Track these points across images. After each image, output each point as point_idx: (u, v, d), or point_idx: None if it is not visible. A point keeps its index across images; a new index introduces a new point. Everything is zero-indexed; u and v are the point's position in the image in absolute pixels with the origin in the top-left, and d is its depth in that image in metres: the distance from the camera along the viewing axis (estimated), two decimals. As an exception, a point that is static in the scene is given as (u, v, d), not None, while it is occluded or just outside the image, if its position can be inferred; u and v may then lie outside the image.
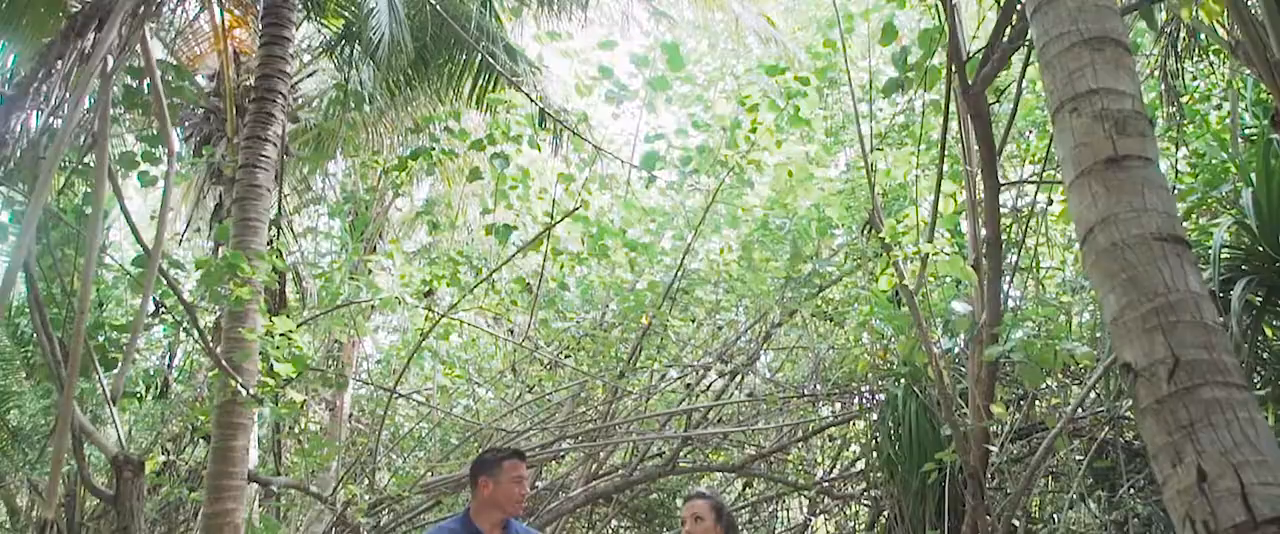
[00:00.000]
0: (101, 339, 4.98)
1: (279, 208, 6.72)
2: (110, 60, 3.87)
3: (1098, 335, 6.09)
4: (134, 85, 4.61)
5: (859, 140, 6.13)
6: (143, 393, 8.10)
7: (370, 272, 7.95)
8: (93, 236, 3.94)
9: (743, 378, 8.76)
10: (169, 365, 9.44)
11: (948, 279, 6.35)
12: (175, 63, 6.20)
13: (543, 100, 7.60)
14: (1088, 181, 2.38)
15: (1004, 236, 6.54)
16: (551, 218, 6.67)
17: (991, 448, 5.48)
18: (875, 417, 7.28)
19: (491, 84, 7.90)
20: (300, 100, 8.96)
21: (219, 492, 5.29)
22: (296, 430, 8.09)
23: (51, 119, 3.98)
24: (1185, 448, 1.97)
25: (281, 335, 5.63)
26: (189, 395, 9.01)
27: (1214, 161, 6.26)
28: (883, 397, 7.09)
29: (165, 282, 4.66)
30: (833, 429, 8.45)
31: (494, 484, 3.67)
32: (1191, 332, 2.10)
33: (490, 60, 7.55)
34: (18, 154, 4.27)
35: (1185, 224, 6.14)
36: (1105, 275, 2.28)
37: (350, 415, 9.78)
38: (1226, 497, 1.88)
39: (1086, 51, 2.50)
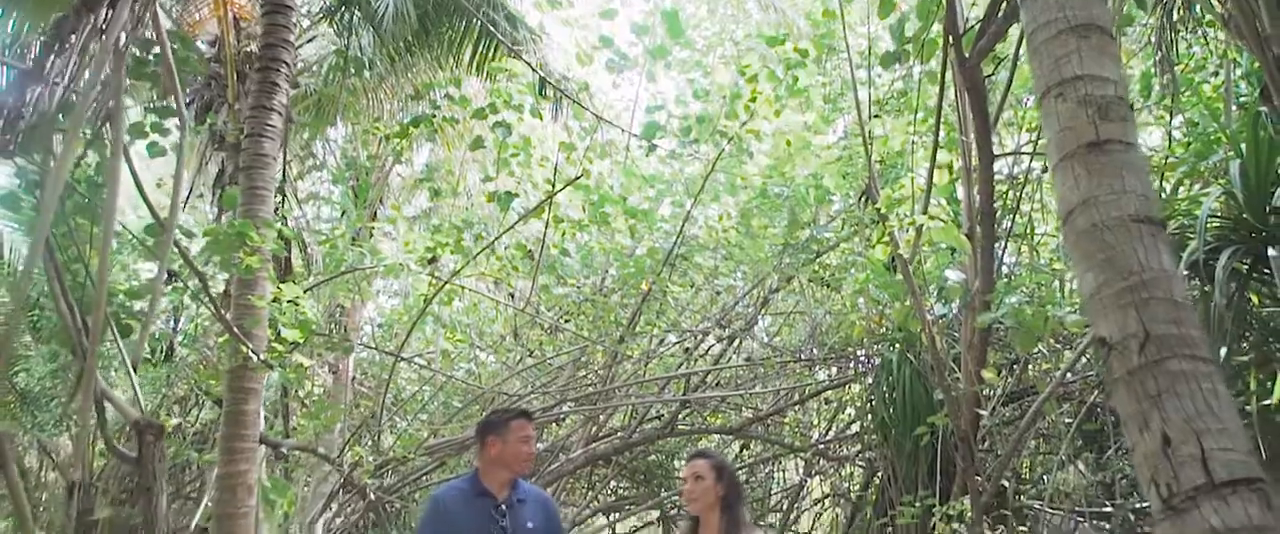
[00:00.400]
0: (114, 306, 5.11)
1: (283, 175, 6.84)
2: (123, 35, 3.97)
3: (1088, 302, 6.24)
4: (142, 56, 4.71)
5: (856, 109, 6.26)
6: (149, 356, 8.27)
7: (371, 234, 8.09)
8: (110, 207, 4.07)
9: (740, 342, 8.95)
10: (174, 330, 9.61)
11: (942, 246, 6.50)
12: (181, 33, 6.27)
13: (543, 68, 7.69)
14: (1071, 164, 2.53)
15: (999, 203, 6.70)
16: (552, 185, 6.81)
17: (982, 412, 5.67)
18: (870, 381, 7.48)
19: (491, 51, 7.97)
20: (300, 65, 9.03)
21: (232, 453, 5.48)
22: (301, 394, 8.28)
23: (67, 93, 4.08)
24: (1152, 416, 2.14)
25: (289, 302, 5.80)
26: (194, 359, 9.19)
27: (1206, 131, 6.39)
28: (878, 361, 7.28)
29: (179, 251, 4.80)
30: (829, 393, 8.65)
31: (501, 444, 3.74)
32: (1162, 308, 2.26)
33: (490, 27, 7.63)
34: (30, 127, 4.39)
35: (1179, 191, 6.31)
36: (1084, 254, 2.44)
37: (353, 378, 9.97)
38: (1188, 461, 2.06)
39: (1072, 38, 2.63)
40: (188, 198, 8.64)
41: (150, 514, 4.38)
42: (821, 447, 8.78)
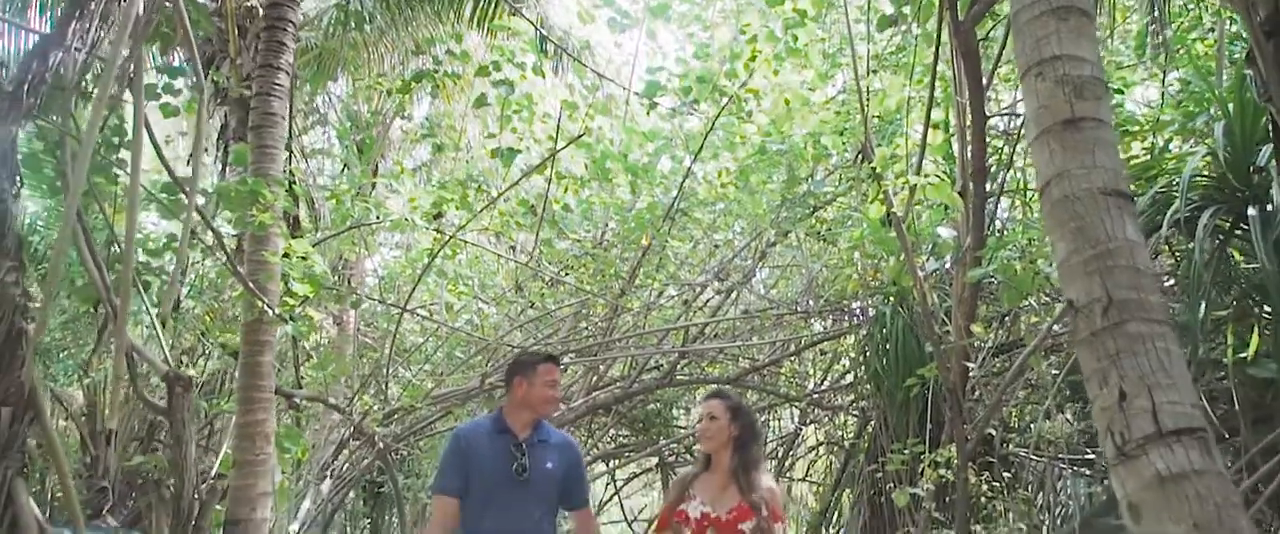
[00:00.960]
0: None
1: (289, 132, 7.02)
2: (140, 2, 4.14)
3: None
4: (156, 19, 4.87)
5: (854, 69, 6.43)
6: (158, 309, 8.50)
7: (373, 186, 8.29)
8: (135, 168, 4.27)
9: (738, 295, 9.23)
10: (180, 282, 9.83)
11: (937, 203, 6.73)
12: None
13: (544, 24, 7.82)
14: (1047, 140, 2.76)
15: (994, 158, 6.92)
16: (554, 141, 7.01)
17: (970, 365, 5.96)
18: (864, 333, 7.77)
19: (492, 8, 8.09)
20: (301, 19, 9.13)
21: (250, 403, 5.75)
22: (307, 345, 8.55)
23: (90, 57, 4.26)
24: (1110, 373, 2.40)
25: (300, 257, 6.05)
26: (200, 310, 9.44)
27: (1197, 90, 6.58)
28: (872, 313, 7.56)
29: (197, 211, 5.01)
30: (824, 344, 8.96)
31: (528, 385, 3.82)
32: (1125, 275, 2.51)
33: (491, -18, 7.75)
34: (52, 90, 4.57)
35: (1170, 148, 6.53)
36: (1057, 223, 2.68)
37: (357, 329, 10.26)
38: (1140, 413, 2.32)
39: (1053, 20, 2.84)
40: (196, 152, 8.79)
41: (180, 461, 4.67)
42: (816, 396, 9.11)
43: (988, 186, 6.25)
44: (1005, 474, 6.35)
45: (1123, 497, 2.33)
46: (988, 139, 6.43)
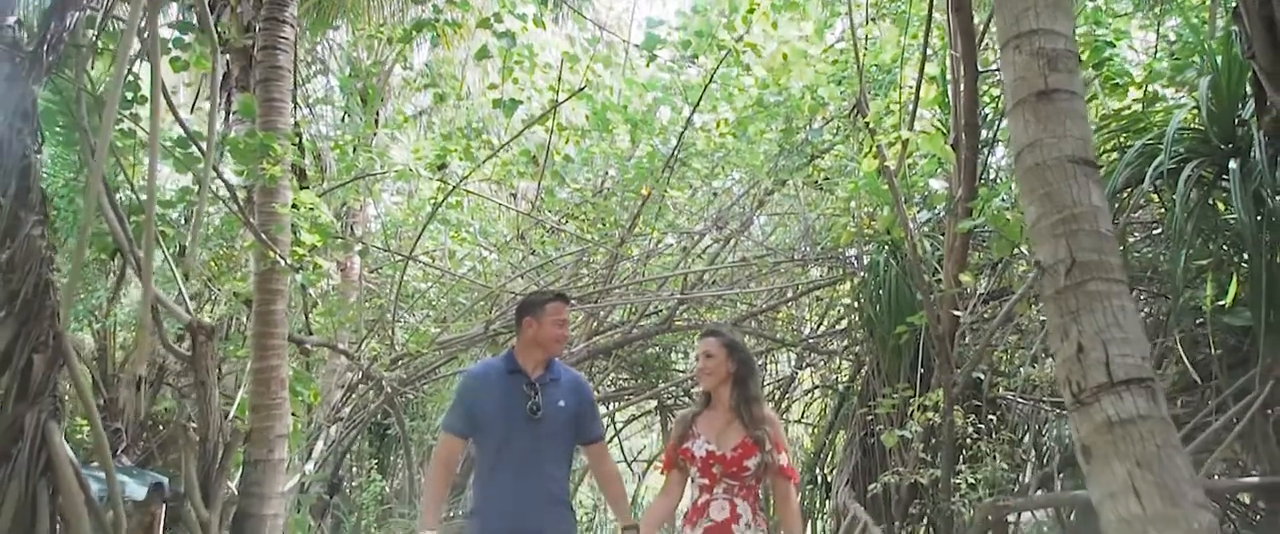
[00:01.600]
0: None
1: (295, 83, 7.20)
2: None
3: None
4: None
5: (850, 19, 6.61)
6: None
7: (374, 134, 8.50)
8: (153, 124, 4.47)
9: (736, 242, 9.49)
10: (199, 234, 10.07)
11: (932, 155, 6.95)
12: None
13: (545, -26, 7.93)
14: (1022, 109, 2.99)
15: (990, 107, 7.12)
16: (555, 91, 7.20)
17: (959, 313, 6.24)
18: (859, 280, 8.04)
19: (493, -47, 8.17)
20: (301, -33, 9.22)
21: (264, 349, 6.05)
22: (314, 293, 8.82)
23: (107, 17, 4.43)
24: (1071, 328, 2.68)
25: (308, 208, 6.30)
26: (206, 257, 9.70)
27: (1187, 42, 6.75)
28: (867, 261, 7.83)
29: (216, 171, 5.23)
30: (820, 290, 9.25)
31: (537, 324, 3.85)
32: (1088, 239, 2.76)
33: (491, -70, 7.83)
34: (69, 47, 4.77)
35: (1164, 98, 6.72)
36: (1029, 189, 2.93)
37: (361, 275, 10.53)
38: (1095, 365, 2.60)
39: (1032, -5, 3.05)
40: (195, 101, 8.98)
41: (204, 405, 4.97)
42: (812, 341, 9.43)
43: (981, 136, 6.47)
44: (990, 417, 6.68)
45: (1077, 439, 2.63)
46: (983, 90, 6.64)
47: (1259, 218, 5.02)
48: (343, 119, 9.34)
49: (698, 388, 4.04)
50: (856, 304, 8.15)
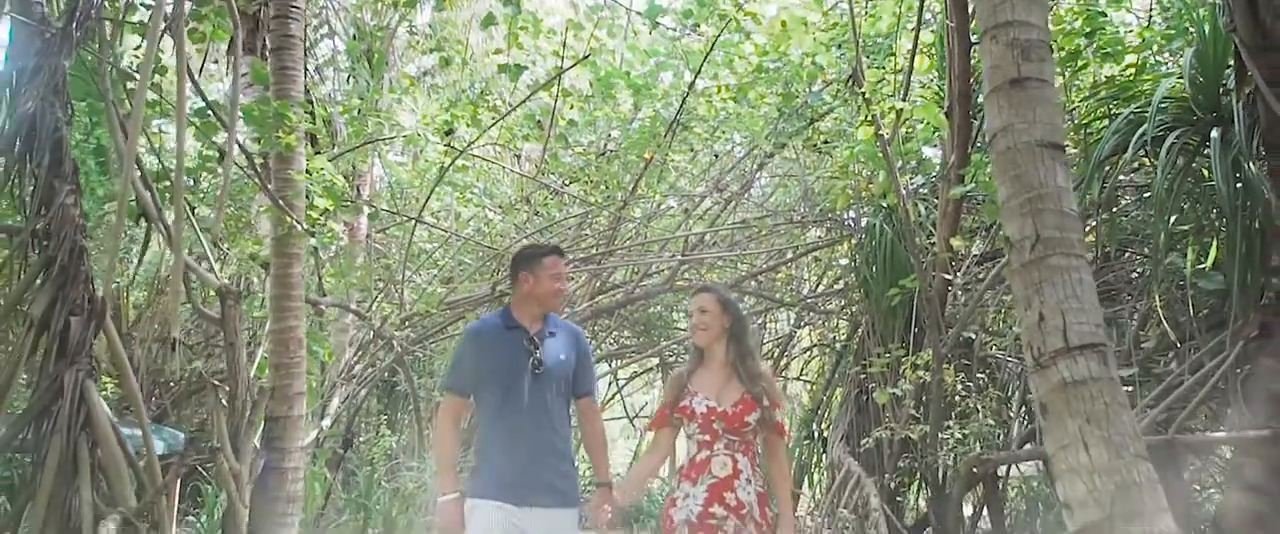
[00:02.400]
0: (167, 184, 5.89)
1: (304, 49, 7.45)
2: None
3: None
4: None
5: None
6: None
7: (379, 97, 8.76)
8: (180, 95, 4.77)
9: (737, 204, 9.80)
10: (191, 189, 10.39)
11: (926, 122, 7.22)
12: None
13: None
14: (997, 96, 3.29)
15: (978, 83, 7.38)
16: (560, 57, 7.46)
17: (948, 276, 6.58)
18: (856, 241, 8.36)
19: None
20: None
21: (282, 311, 6.39)
22: (325, 256, 9.15)
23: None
24: (1034, 299, 3.01)
25: (320, 171, 6.62)
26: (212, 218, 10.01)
27: (1180, 8, 6.99)
28: (864, 223, 8.14)
29: (240, 147, 5.52)
30: (818, 251, 9.57)
31: (533, 279, 3.86)
32: (1052, 217, 3.08)
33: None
34: (97, 20, 5.05)
35: (1149, 65, 6.97)
36: (1001, 170, 3.24)
37: (367, 236, 10.85)
38: (1054, 332, 2.93)
39: (1009, -12, 3.34)
40: (203, 65, 9.23)
41: (233, 365, 5.33)
42: (811, 301, 9.78)
43: (974, 105, 6.75)
44: (980, 375, 7.05)
45: (1037, 397, 2.98)
46: (976, 59, 6.90)
47: (1239, 185, 5.32)
48: (348, 81, 9.58)
49: (693, 340, 4.06)
50: (853, 265, 8.47)
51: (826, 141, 8.59)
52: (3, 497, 6.12)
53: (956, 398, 6.85)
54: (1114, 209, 6.65)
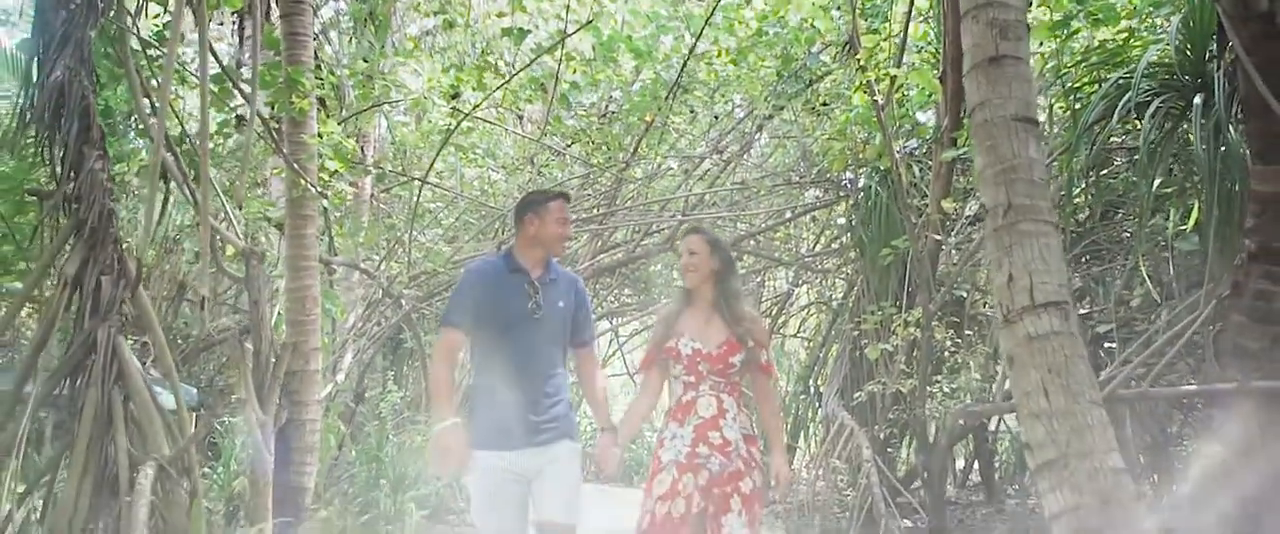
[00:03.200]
0: (186, 147, 6.19)
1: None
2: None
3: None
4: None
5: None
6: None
7: (383, 59, 9.01)
8: (203, 64, 5.05)
9: (736, 165, 10.10)
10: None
11: (921, 87, 7.50)
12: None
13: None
14: (976, 72, 3.59)
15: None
16: (563, 20, 7.72)
17: (938, 237, 6.91)
18: (852, 202, 8.69)
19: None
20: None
21: (297, 270, 6.74)
22: (334, 216, 9.45)
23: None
24: (1004, 261, 3.34)
25: (330, 134, 6.93)
26: (227, 182, 10.31)
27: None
28: (861, 184, 8.46)
29: (259, 117, 5.80)
30: (816, 212, 9.90)
31: (539, 222, 3.89)
32: (1023, 186, 3.40)
33: None
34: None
35: (1136, 31, 7.21)
36: (979, 142, 3.55)
37: (372, 196, 11.15)
38: (1021, 291, 3.27)
39: (989, -29, 3.63)
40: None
41: (258, 322, 5.68)
42: (808, 260, 10.12)
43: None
44: (968, 332, 7.42)
45: (1004, 350, 3.32)
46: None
47: (1222, 149, 5.62)
48: (350, 42, 9.83)
49: (681, 281, 4.17)
50: (850, 225, 8.81)
51: (825, 103, 8.87)
52: (31, 448, 6.49)
53: (946, 353, 7.21)
54: (1103, 171, 6.96)
